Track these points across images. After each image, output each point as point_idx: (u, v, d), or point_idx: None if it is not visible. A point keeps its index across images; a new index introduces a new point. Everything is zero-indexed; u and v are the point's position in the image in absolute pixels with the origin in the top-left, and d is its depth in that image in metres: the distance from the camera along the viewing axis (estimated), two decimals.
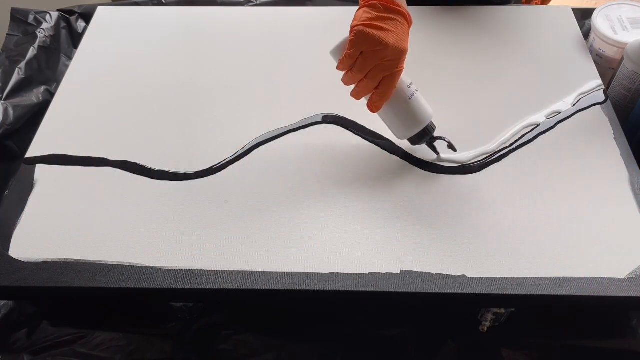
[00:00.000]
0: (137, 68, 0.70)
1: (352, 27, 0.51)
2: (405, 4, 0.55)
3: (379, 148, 0.60)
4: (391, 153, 0.60)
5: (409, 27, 0.54)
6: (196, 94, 0.66)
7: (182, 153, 0.60)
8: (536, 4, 0.80)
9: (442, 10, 0.76)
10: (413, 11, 0.76)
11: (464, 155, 0.59)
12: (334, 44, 0.54)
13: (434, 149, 0.58)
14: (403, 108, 0.55)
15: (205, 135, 0.62)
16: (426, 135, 0.57)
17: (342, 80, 0.54)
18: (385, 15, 0.51)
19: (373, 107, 0.54)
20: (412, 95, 0.55)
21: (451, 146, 0.57)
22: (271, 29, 0.74)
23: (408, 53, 0.52)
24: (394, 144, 0.60)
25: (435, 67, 0.68)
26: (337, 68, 0.53)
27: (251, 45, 0.72)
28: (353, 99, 0.55)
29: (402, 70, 0.53)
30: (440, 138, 0.58)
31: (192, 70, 0.69)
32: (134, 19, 0.76)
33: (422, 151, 0.59)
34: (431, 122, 0.56)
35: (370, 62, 0.51)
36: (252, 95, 0.66)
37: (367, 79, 0.52)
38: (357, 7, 0.53)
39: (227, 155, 0.60)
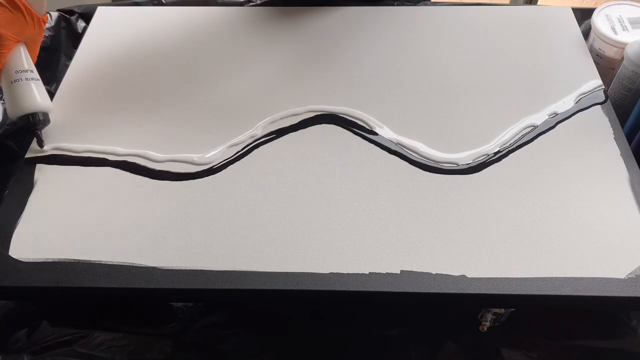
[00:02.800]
0: (137, 68, 0.70)
1: None
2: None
3: (378, 148, 0.60)
4: (391, 153, 0.60)
5: (27, 18, 0.57)
6: (196, 94, 0.66)
7: (182, 152, 0.60)
8: None
9: (442, 10, 0.76)
10: (411, 11, 0.76)
11: (464, 155, 0.59)
12: None
13: (38, 140, 0.60)
14: (6, 91, 0.59)
15: (205, 135, 0.62)
16: (27, 124, 0.59)
17: None
18: None
19: None
20: (15, 81, 0.57)
21: (39, 141, 0.60)
22: (271, 29, 0.74)
23: (407, 53, 0.52)
24: (393, 143, 0.60)
25: (435, 67, 0.68)
26: None
27: (251, 45, 0.72)
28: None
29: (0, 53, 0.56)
30: (37, 131, 0.60)
31: (191, 70, 0.69)
32: (134, 19, 0.76)
33: (422, 151, 0.59)
34: (35, 114, 0.58)
35: None
36: (252, 95, 0.66)
37: None
38: (356, 7, 0.53)
39: (227, 155, 0.60)
